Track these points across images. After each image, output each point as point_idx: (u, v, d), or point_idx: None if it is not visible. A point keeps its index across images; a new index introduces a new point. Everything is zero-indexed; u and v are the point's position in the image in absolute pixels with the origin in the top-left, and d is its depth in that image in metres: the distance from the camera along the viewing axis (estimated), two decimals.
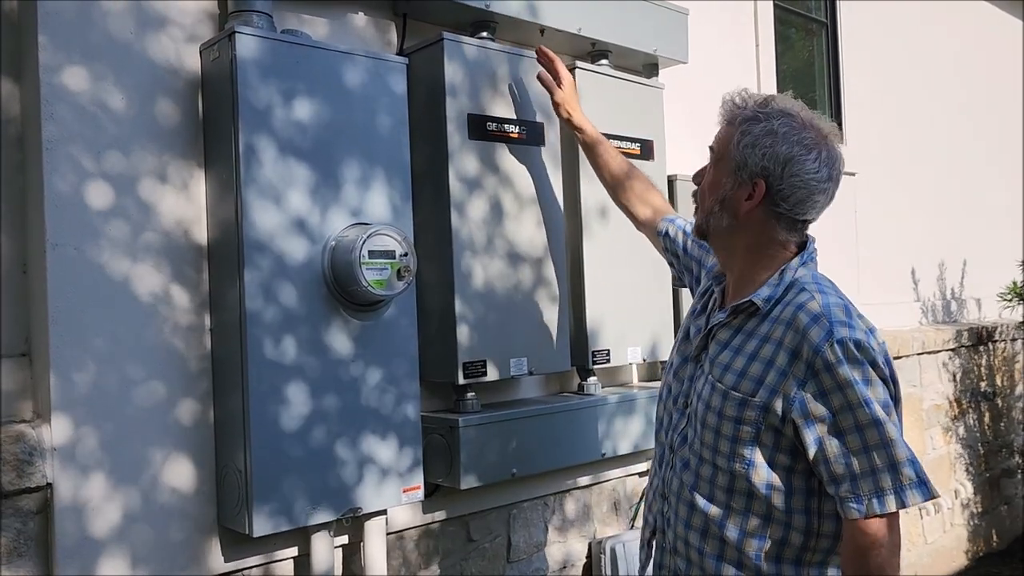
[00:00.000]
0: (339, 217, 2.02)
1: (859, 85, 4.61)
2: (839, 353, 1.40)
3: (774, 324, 1.49)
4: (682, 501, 1.59)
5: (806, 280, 1.51)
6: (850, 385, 1.39)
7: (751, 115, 1.53)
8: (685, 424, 1.62)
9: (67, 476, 1.79)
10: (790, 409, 1.43)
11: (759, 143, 1.50)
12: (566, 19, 2.57)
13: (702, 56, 3.33)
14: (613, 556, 2.82)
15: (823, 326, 1.42)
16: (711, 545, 1.54)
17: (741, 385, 1.49)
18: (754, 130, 1.51)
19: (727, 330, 1.57)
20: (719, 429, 1.51)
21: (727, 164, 1.54)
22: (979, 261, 5.49)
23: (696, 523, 1.56)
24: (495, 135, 2.35)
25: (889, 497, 1.37)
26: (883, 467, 1.38)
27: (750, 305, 1.53)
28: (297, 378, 1.94)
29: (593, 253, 2.63)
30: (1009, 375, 5.48)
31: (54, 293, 1.78)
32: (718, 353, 1.56)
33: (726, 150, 1.55)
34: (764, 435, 1.47)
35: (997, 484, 5.36)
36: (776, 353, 1.46)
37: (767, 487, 1.48)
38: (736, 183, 1.53)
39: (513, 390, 2.64)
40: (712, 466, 1.53)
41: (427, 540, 2.46)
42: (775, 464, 1.47)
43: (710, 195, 1.58)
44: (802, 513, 1.48)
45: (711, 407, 1.53)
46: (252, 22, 1.96)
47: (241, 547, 2.04)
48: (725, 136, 1.57)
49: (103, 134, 1.86)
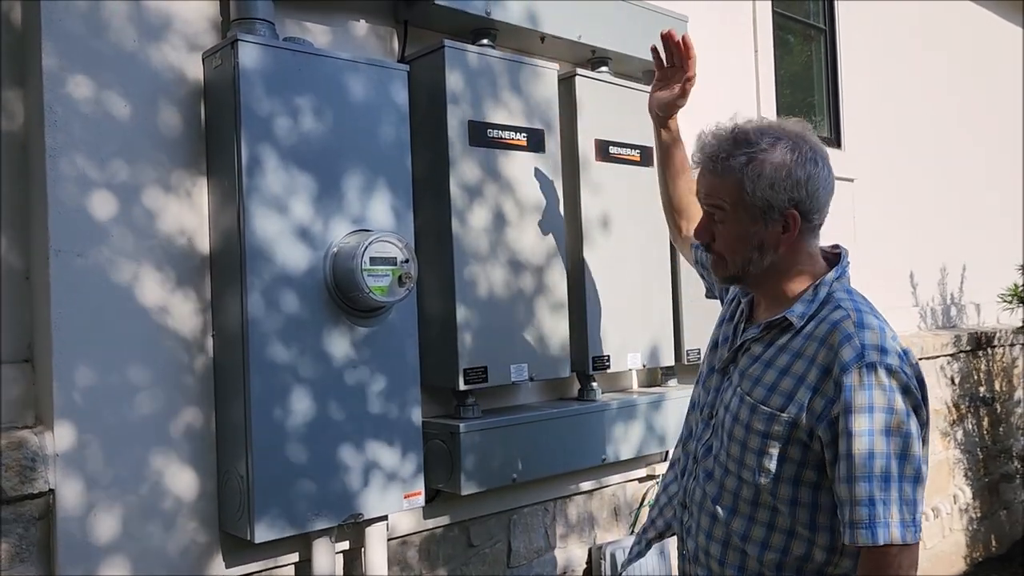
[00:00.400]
0: (341, 224, 2.02)
1: (858, 91, 4.63)
2: (866, 377, 1.38)
3: (807, 340, 1.47)
4: (704, 512, 1.58)
5: (841, 297, 1.50)
6: (861, 412, 1.37)
7: (746, 159, 1.49)
8: (710, 435, 1.61)
9: (69, 482, 1.79)
10: (817, 426, 1.42)
11: (776, 181, 1.47)
12: (566, 26, 2.58)
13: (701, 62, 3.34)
14: (613, 561, 2.82)
15: (855, 347, 1.40)
16: (732, 556, 1.53)
17: (771, 400, 1.47)
18: (764, 171, 1.47)
19: (759, 344, 1.55)
20: (746, 442, 1.49)
21: (749, 212, 1.50)
22: (978, 266, 5.50)
23: (718, 534, 1.55)
24: (496, 142, 2.36)
25: (861, 531, 1.34)
26: (861, 500, 1.35)
27: (784, 321, 1.51)
28: (298, 384, 1.94)
29: (593, 259, 2.64)
30: (1008, 380, 5.49)
31: (57, 300, 1.79)
32: (749, 366, 1.55)
33: (741, 200, 1.49)
34: (791, 450, 1.45)
35: (996, 489, 5.36)
36: (808, 369, 1.45)
37: (792, 502, 1.46)
38: (768, 225, 1.50)
39: (513, 396, 2.65)
40: (737, 478, 1.52)
41: (428, 545, 2.46)
42: (801, 480, 1.46)
43: (742, 246, 1.52)
44: (827, 531, 1.46)
45: (739, 420, 1.51)
46: (254, 30, 1.97)
47: (243, 553, 2.04)
48: (728, 188, 1.51)
49: (106, 142, 1.87)
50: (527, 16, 2.47)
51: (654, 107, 2.02)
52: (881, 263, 4.64)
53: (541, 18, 2.51)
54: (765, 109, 3.95)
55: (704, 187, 1.56)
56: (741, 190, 1.49)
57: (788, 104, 4.37)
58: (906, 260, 4.94)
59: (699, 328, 3.03)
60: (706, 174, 1.55)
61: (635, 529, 3.03)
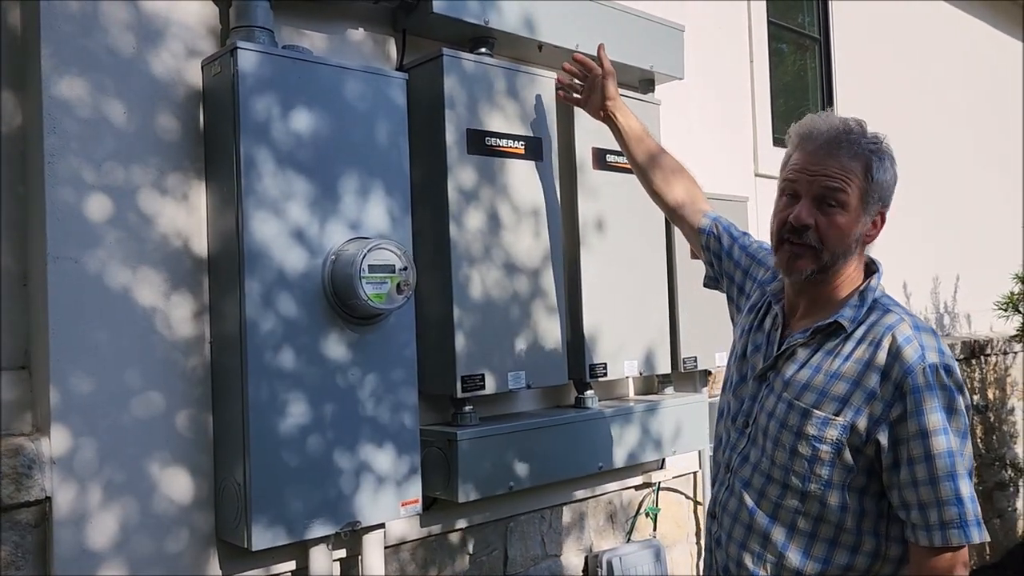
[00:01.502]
0: (339, 230, 2.03)
1: (852, 100, 4.65)
2: (930, 378, 1.39)
3: (859, 344, 1.47)
4: (738, 522, 1.56)
5: (888, 302, 1.51)
6: (932, 412, 1.38)
7: (875, 147, 1.49)
8: (746, 444, 1.59)
9: (66, 489, 1.79)
10: (875, 430, 1.41)
11: (889, 176, 1.49)
12: (563, 35, 2.59)
13: (697, 72, 3.37)
14: (610, 569, 2.82)
15: (916, 349, 1.41)
16: (766, 568, 1.51)
17: (823, 404, 1.46)
18: (886, 162, 1.49)
19: (805, 349, 1.54)
20: (795, 448, 1.48)
21: (864, 200, 1.49)
22: (972, 275, 5.53)
23: (753, 545, 1.53)
24: (494, 150, 2.37)
25: (953, 531, 1.36)
26: (949, 500, 1.36)
27: (833, 326, 1.50)
28: (296, 390, 1.94)
29: (590, 267, 2.65)
30: (1001, 389, 5.51)
31: (54, 306, 1.79)
32: (795, 371, 1.53)
33: (862, 183, 1.48)
34: (845, 455, 1.44)
35: (990, 497, 5.38)
36: (864, 373, 1.44)
37: (841, 509, 1.45)
38: (868, 218, 1.51)
39: (510, 403, 2.65)
40: (782, 486, 1.50)
41: (425, 553, 2.46)
42: (851, 486, 1.45)
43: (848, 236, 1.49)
44: (871, 535, 1.46)
45: (787, 426, 1.50)
46: (253, 37, 1.98)
47: (239, 560, 2.04)
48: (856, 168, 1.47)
49: (104, 147, 1.87)
50: (525, 25, 2.48)
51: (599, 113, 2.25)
52: None
53: (539, 27, 2.52)
54: (760, 118, 3.97)
55: (822, 167, 1.48)
56: (867, 174, 1.47)
57: (783, 113, 4.39)
58: (900, 268, 4.96)
59: (695, 336, 3.04)
60: (827, 154, 1.48)
61: (631, 537, 3.03)
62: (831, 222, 1.48)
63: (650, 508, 3.09)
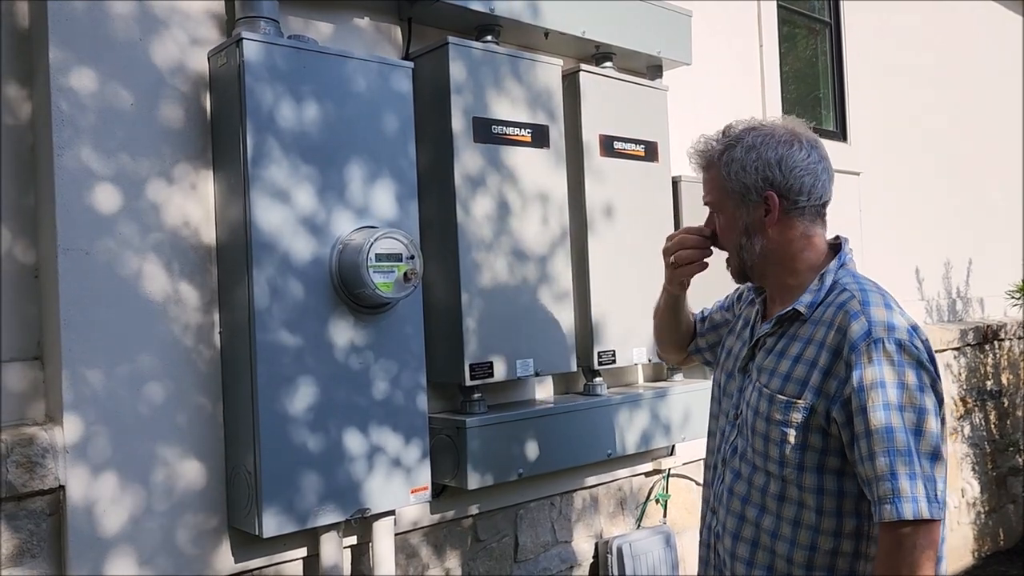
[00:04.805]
0: (346, 219, 2.03)
1: (863, 85, 4.61)
2: (875, 353, 1.39)
3: (816, 326, 1.50)
4: (731, 513, 1.58)
5: (846, 281, 1.52)
6: (873, 388, 1.37)
7: (722, 147, 1.58)
8: (735, 435, 1.61)
9: (79, 477, 1.81)
10: (831, 408, 1.42)
11: (747, 163, 1.54)
12: (570, 22, 2.58)
13: (705, 57, 3.35)
14: (620, 555, 2.83)
15: (862, 325, 1.42)
16: (761, 557, 1.52)
17: (786, 388, 1.49)
18: (735, 155, 1.55)
19: (772, 337, 1.58)
20: (768, 434, 1.50)
21: (731, 199, 1.58)
22: (984, 260, 5.49)
23: (746, 535, 1.54)
24: (500, 138, 2.37)
25: (886, 506, 1.33)
26: (883, 475, 1.34)
27: (793, 312, 1.53)
28: (305, 379, 1.96)
29: (598, 255, 2.65)
30: (1015, 374, 5.47)
31: (65, 296, 1.80)
32: (764, 360, 1.57)
33: (722, 188, 1.59)
34: (812, 437, 1.45)
35: (1004, 483, 5.35)
36: (819, 354, 1.46)
37: (817, 491, 1.45)
38: (749, 209, 1.56)
39: (519, 391, 2.66)
40: (765, 474, 1.52)
41: (435, 540, 2.48)
42: (825, 468, 1.45)
43: (732, 234, 1.61)
44: (852, 516, 1.45)
45: (760, 413, 1.53)
46: (259, 28, 1.98)
47: (251, 547, 2.06)
48: (712, 179, 1.61)
49: (113, 138, 1.88)
50: (531, 12, 2.48)
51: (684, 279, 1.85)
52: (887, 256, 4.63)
53: (545, 14, 2.51)
54: (770, 104, 3.94)
55: (702, 185, 1.65)
56: (721, 178, 1.57)
57: (794, 99, 4.36)
58: (912, 254, 4.93)
59: None
60: (699, 172, 1.64)
61: (641, 523, 3.04)
62: (718, 228, 1.65)
63: (660, 494, 3.09)
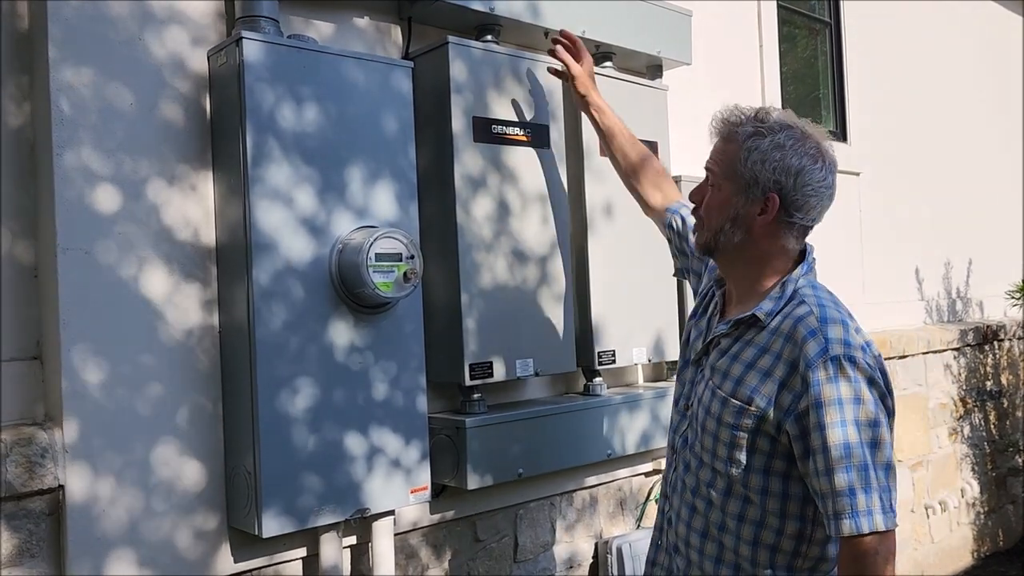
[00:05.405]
0: (346, 219, 2.03)
1: (863, 85, 4.62)
2: (831, 370, 1.41)
3: (773, 336, 1.51)
4: (684, 502, 1.62)
5: (806, 293, 1.53)
6: (830, 405, 1.40)
7: (752, 130, 1.54)
8: (686, 427, 1.65)
9: (78, 477, 1.81)
10: (784, 420, 1.45)
11: (768, 158, 1.51)
12: (570, 22, 2.58)
13: (706, 58, 3.35)
14: (619, 555, 2.83)
15: (819, 342, 1.43)
16: (710, 547, 1.56)
17: (738, 392, 1.51)
18: (761, 145, 1.52)
19: (728, 339, 1.59)
20: (717, 434, 1.53)
21: (735, 182, 1.55)
22: (984, 260, 5.49)
23: (697, 524, 1.59)
24: (500, 137, 2.37)
25: (845, 521, 1.37)
26: (841, 491, 1.37)
27: (752, 318, 1.55)
28: (305, 379, 1.95)
29: (598, 255, 2.64)
30: (1015, 374, 5.47)
31: (65, 296, 1.80)
32: (718, 360, 1.59)
33: (732, 168, 1.55)
34: (760, 442, 1.49)
35: (1003, 483, 5.35)
36: (774, 364, 1.48)
37: (762, 492, 1.49)
38: (748, 200, 1.54)
39: (519, 391, 2.66)
40: (711, 470, 1.55)
41: (434, 540, 2.47)
42: (771, 470, 1.49)
43: (719, 214, 1.57)
44: (796, 519, 1.49)
45: (711, 412, 1.55)
46: (259, 27, 1.98)
47: (250, 548, 2.06)
48: (727, 154, 1.56)
49: (112, 137, 1.88)
50: (531, 12, 2.47)
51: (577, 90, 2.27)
52: (887, 257, 4.64)
53: (545, 14, 2.51)
54: (770, 104, 3.94)
55: (711, 150, 1.62)
56: (737, 158, 1.54)
57: (793, 99, 4.36)
58: (912, 254, 4.93)
59: None
60: (716, 138, 1.61)
61: (641, 523, 3.04)
62: (707, 199, 1.60)
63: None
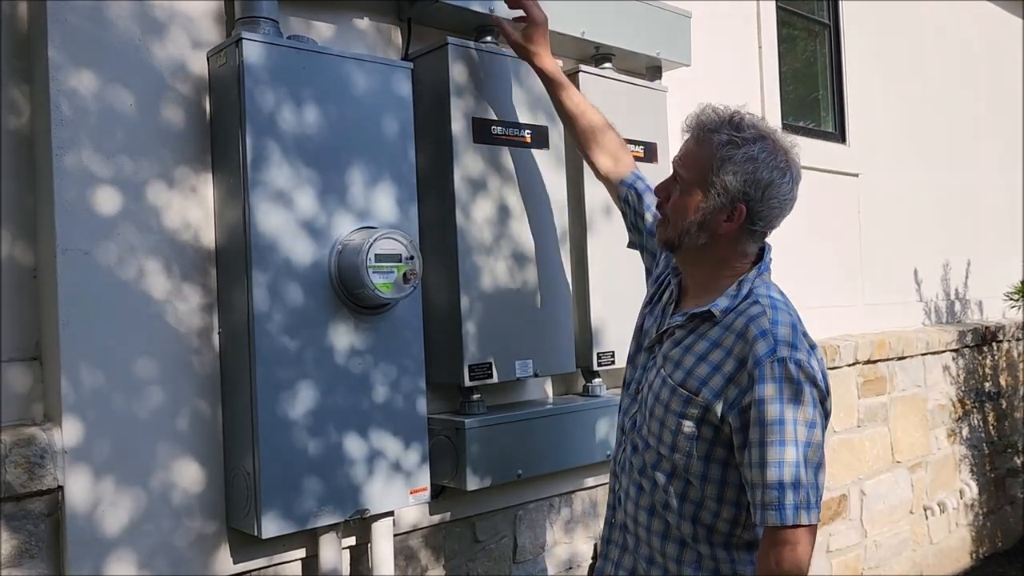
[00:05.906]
0: (345, 220, 2.03)
1: (862, 86, 4.62)
2: (777, 371, 1.47)
3: (725, 332, 1.57)
4: (632, 482, 1.69)
5: (760, 293, 1.59)
6: (773, 402, 1.46)
7: (727, 139, 1.57)
8: (636, 410, 1.72)
9: (78, 478, 1.81)
10: (728, 413, 1.52)
11: (740, 169, 1.55)
12: (569, 23, 2.58)
13: (705, 59, 3.35)
14: None
15: (769, 343, 1.50)
16: (656, 524, 1.64)
17: (687, 383, 1.58)
18: (735, 156, 1.56)
19: (682, 330, 1.65)
20: (664, 421, 1.60)
21: (705, 189, 1.58)
22: (982, 262, 5.49)
23: (644, 502, 1.66)
24: (500, 138, 2.37)
25: (771, 512, 1.44)
26: (772, 484, 1.44)
27: (707, 313, 1.61)
28: (304, 380, 1.95)
29: (597, 256, 2.65)
30: (1013, 376, 5.48)
31: (64, 298, 1.80)
32: (671, 349, 1.65)
33: (703, 175, 1.58)
34: (703, 430, 1.56)
35: (1002, 484, 5.36)
36: (724, 360, 1.55)
37: (702, 478, 1.57)
38: (716, 206, 1.58)
39: (518, 392, 2.66)
40: (656, 453, 1.63)
41: (434, 541, 2.47)
42: (712, 458, 1.56)
43: (685, 217, 1.61)
44: (732, 505, 1.57)
45: (659, 399, 1.62)
46: (259, 28, 1.98)
47: (250, 548, 2.06)
48: (700, 158, 1.60)
49: (112, 139, 1.88)
50: None
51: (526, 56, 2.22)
52: (886, 258, 4.64)
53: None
54: (769, 105, 3.95)
55: (681, 150, 1.66)
56: (709, 166, 1.58)
57: (793, 100, 4.37)
58: (911, 255, 4.93)
59: None
60: (689, 139, 1.65)
61: None
62: (674, 199, 1.64)
63: None
